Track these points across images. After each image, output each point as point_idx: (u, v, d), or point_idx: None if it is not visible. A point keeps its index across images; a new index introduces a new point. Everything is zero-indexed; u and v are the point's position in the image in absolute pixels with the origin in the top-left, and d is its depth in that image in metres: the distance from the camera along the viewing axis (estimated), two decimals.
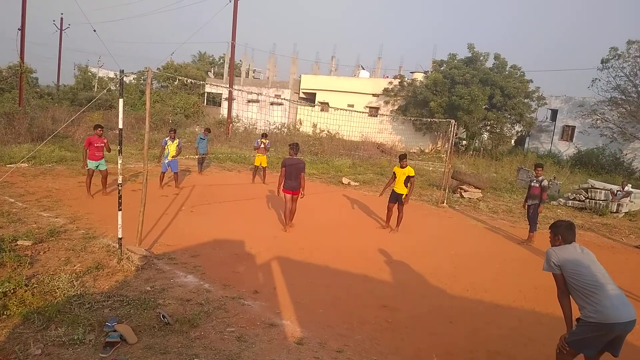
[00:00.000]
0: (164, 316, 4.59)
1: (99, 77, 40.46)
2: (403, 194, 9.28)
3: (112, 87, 29.59)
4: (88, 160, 9.82)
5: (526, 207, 9.81)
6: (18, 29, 24.64)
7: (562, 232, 3.93)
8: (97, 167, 9.97)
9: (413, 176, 9.38)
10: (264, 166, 13.91)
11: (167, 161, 11.53)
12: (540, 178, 9.47)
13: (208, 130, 14.49)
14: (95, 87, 37.85)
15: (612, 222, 12.45)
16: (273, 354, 4.23)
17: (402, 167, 9.35)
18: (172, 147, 11.60)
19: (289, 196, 8.59)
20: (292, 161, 8.46)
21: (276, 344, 4.42)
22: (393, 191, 9.45)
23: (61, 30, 38.88)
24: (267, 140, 14.01)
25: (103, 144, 10.01)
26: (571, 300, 3.79)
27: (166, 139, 11.72)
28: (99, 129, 10.06)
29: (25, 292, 4.75)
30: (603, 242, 10.46)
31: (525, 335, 5.20)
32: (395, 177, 9.42)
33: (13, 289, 4.74)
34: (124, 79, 6.25)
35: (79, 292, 5.02)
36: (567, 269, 3.74)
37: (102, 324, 4.39)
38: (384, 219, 9.82)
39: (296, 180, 8.43)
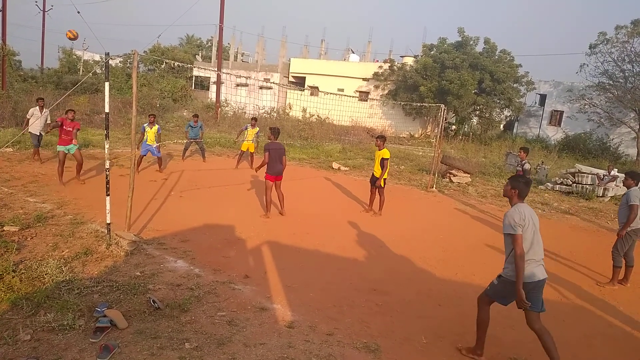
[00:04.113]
0: (154, 301, 4.59)
1: (84, 60, 39.64)
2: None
3: (98, 71, 29.03)
4: (57, 145, 9.58)
5: None
6: None
7: (521, 187, 4.00)
8: (68, 151, 9.61)
9: (387, 159, 9.16)
10: (252, 152, 13.81)
11: (151, 147, 11.32)
12: (523, 162, 9.54)
13: (196, 116, 13.85)
14: (81, 71, 37.11)
15: (598, 206, 12.64)
16: (264, 337, 4.26)
17: (379, 148, 9.22)
18: (150, 133, 11.38)
19: (270, 183, 8.50)
20: (275, 145, 8.39)
21: (267, 328, 4.45)
22: (372, 174, 9.49)
23: (44, 11, 37.82)
24: (258, 128, 13.77)
25: (72, 129, 9.56)
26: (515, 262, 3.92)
27: (144, 125, 11.51)
28: (71, 113, 9.69)
29: (13, 277, 4.71)
30: (589, 225, 10.63)
31: (512, 318, 5.27)
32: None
33: (0, 274, 4.70)
34: (110, 62, 6.12)
35: (67, 278, 4.99)
36: (527, 228, 3.86)
37: (92, 309, 4.38)
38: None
39: (281, 164, 8.44)
